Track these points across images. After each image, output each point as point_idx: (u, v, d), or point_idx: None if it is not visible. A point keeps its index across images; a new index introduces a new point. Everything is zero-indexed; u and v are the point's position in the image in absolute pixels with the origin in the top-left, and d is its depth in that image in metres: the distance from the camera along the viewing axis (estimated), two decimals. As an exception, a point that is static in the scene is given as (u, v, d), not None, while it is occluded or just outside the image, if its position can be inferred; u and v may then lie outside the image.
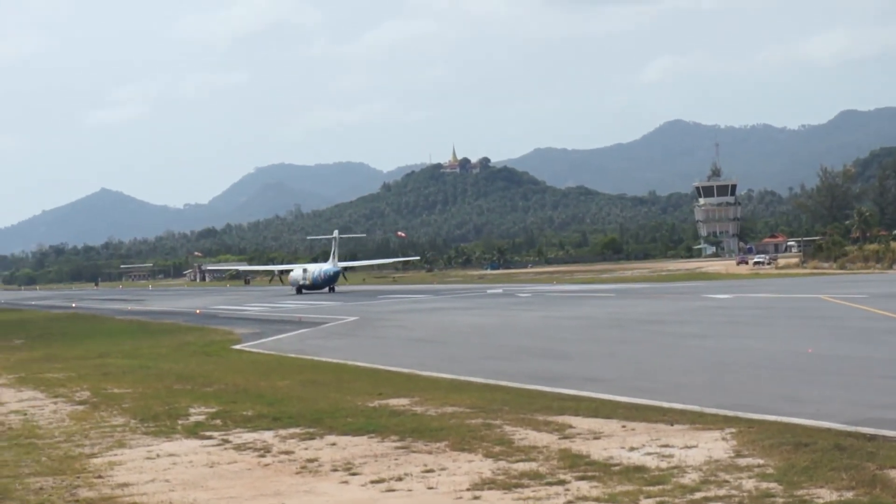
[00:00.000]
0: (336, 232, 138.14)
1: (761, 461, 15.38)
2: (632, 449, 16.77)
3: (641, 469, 15.22)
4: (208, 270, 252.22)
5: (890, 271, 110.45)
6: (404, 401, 23.67)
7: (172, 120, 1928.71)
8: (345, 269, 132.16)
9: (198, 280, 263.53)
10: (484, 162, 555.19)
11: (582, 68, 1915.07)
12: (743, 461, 15.45)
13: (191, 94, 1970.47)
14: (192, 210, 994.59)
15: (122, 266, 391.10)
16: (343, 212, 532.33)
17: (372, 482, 15.35)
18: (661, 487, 14.09)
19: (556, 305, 66.69)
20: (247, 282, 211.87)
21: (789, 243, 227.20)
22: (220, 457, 17.96)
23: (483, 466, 15.96)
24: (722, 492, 13.70)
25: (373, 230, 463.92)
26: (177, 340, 48.45)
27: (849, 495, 13.27)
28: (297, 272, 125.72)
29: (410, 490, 14.81)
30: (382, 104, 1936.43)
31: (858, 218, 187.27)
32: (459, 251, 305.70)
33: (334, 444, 18.54)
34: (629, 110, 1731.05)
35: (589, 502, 13.59)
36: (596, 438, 17.87)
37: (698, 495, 13.61)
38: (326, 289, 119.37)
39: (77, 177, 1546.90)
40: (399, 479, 15.40)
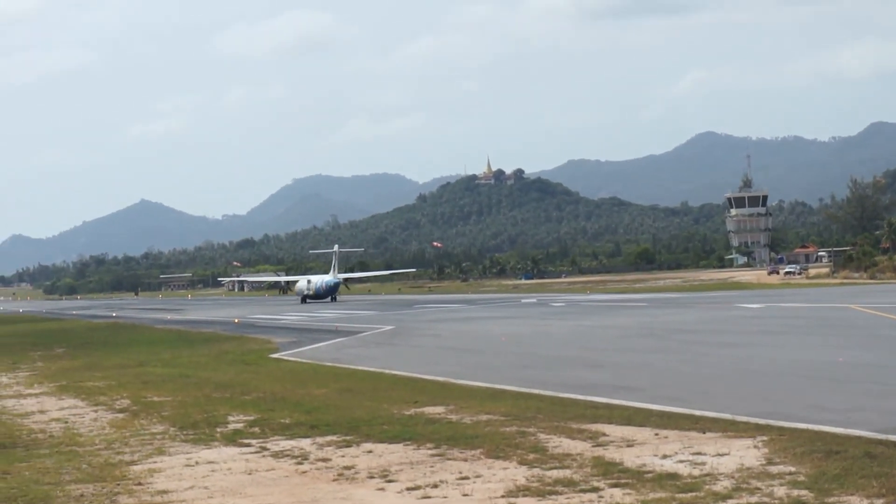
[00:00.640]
0: (336, 246, 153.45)
1: (793, 469, 15.48)
2: (664, 456, 16.89)
3: (674, 476, 15.34)
4: (237, 281, 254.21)
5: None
6: (440, 409, 23.84)
7: (212, 132, 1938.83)
8: (346, 281, 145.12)
9: (236, 290, 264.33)
10: (518, 173, 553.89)
11: (615, 81, 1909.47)
12: (774, 469, 15.55)
13: (231, 107, 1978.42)
14: (231, 221, 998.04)
15: (162, 276, 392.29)
16: (379, 222, 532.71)
17: (408, 489, 15.52)
18: (694, 495, 14.23)
19: (590, 315, 66.65)
20: (284, 292, 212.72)
21: (820, 253, 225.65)
22: (259, 464, 18.17)
23: (517, 474, 16.11)
24: (754, 499, 13.82)
25: (409, 241, 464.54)
26: (216, 349, 48.73)
27: (879, 502, 13.39)
28: (302, 283, 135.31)
29: (446, 497, 14.99)
30: (418, 116, 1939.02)
31: (888, 228, 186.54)
32: (494, 261, 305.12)
33: (371, 452, 18.72)
34: (662, 122, 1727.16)
35: (621, 509, 13.75)
36: (629, 446, 18.00)
37: (730, 502, 13.74)
38: (329, 298, 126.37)
39: (118, 188, 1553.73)
40: (434, 487, 15.56)
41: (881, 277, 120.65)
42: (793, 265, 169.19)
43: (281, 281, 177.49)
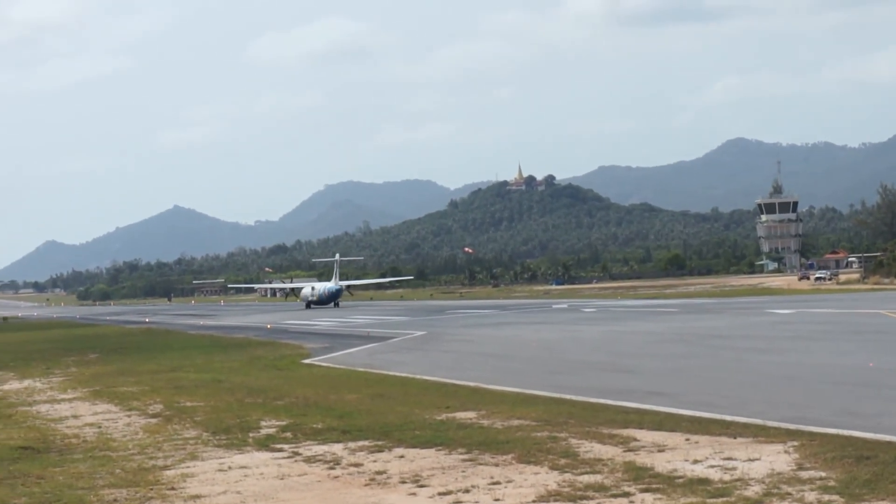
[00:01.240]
0: (337, 256, 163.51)
1: (823, 474, 15.50)
2: (695, 462, 16.93)
3: (705, 481, 15.39)
4: (269, 288, 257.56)
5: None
6: (471, 414, 23.92)
7: (245, 139, 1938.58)
8: (348, 287, 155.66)
9: (268, 296, 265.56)
10: (549, 179, 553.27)
11: (646, 87, 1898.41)
12: (805, 474, 15.58)
13: (264, 114, 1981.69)
14: (263, 227, 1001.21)
15: (195, 282, 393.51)
16: (411, 228, 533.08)
17: (439, 494, 15.61)
18: (725, 500, 14.28)
19: (621, 320, 66.55)
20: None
21: (850, 259, 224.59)
22: (291, 469, 18.30)
23: (549, 479, 16.18)
24: (784, 504, 13.88)
25: (440, 247, 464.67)
26: (248, 355, 48.91)
27: (910, 507, 13.42)
28: (307, 290, 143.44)
29: (477, 502, 15.08)
30: (450, 123, 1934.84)
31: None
32: (525, 267, 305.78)
33: (402, 457, 18.82)
34: (692, 128, 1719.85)
35: (652, 513, 13.81)
36: (660, 451, 18.04)
37: (761, 507, 13.80)
38: (331, 304, 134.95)
39: (151, 194, 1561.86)
40: (466, 491, 15.65)
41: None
42: (823, 271, 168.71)
43: (286, 287, 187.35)
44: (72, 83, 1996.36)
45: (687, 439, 19.10)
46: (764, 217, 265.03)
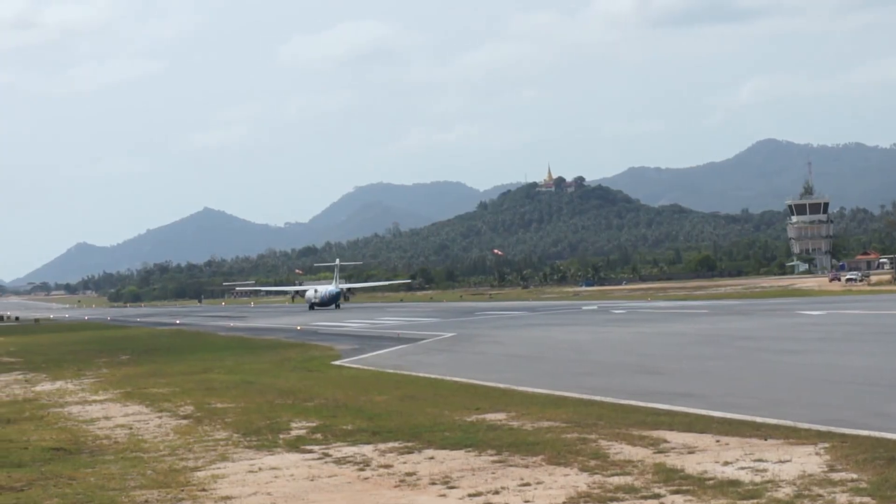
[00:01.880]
0: (338, 260, 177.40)
1: (855, 476, 15.44)
2: (726, 463, 16.90)
3: (735, 483, 15.36)
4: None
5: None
6: (501, 415, 23.92)
7: (275, 141, 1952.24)
8: (349, 290, 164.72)
9: (294, 300, 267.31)
10: (578, 181, 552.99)
11: (676, 88, 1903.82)
12: (836, 476, 15.53)
13: (293, 116, 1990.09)
14: (293, 229, 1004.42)
15: (225, 283, 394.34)
16: (440, 230, 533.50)
17: (469, 495, 15.63)
18: (756, 501, 14.25)
19: (651, 322, 66.37)
20: (346, 298, 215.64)
21: (881, 260, 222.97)
22: (321, 470, 18.34)
23: (579, 480, 16.18)
24: (815, 506, 13.83)
25: (469, 248, 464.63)
26: (278, 356, 49.02)
27: (942, 510, 13.35)
28: (310, 292, 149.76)
29: (507, 503, 15.09)
30: (479, 125, 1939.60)
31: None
32: (554, 268, 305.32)
33: (432, 458, 18.84)
34: (723, 129, 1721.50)
35: (682, 515, 13.78)
36: (690, 453, 18.01)
37: (791, 509, 13.76)
38: (333, 306, 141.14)
39: (181, 196, 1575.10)
40: (496, 493, 15.67)
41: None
42: (854, 272, 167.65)
43: (291, 290, 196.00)
44: (103, 86, 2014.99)
45: (717, 441, 19.06)
46: (794, 218, 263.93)
